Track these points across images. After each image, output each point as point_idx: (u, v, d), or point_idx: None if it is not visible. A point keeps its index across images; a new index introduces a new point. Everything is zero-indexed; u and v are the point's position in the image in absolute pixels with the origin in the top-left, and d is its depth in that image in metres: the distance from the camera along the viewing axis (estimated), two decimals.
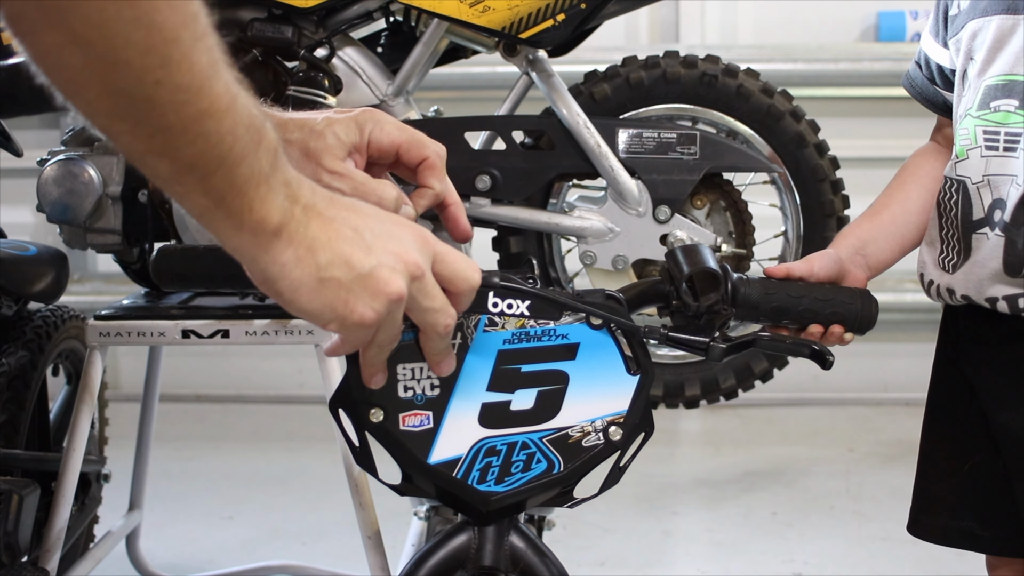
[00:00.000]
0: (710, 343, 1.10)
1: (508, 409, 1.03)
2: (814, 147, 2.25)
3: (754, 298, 1.16)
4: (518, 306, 1.03)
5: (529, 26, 2.13)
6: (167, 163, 0.72)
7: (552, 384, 1.04)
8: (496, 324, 1.04)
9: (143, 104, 0.68)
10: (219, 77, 0.71)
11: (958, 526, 1.44)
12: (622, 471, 1.06)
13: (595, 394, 1.04)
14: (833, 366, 1.14)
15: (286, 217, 0.78)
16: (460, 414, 1.02)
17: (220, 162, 0.73)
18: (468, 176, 2.21)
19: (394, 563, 2.02)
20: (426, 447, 1.01)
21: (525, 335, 1.04)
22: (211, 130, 0.71)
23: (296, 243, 0.79)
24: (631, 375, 1.05)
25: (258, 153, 0.75)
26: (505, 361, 1.03)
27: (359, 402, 1.01)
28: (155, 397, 2.44)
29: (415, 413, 1.02)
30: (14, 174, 3.74)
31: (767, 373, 2.33)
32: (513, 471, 1.02)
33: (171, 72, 0.68)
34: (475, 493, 1.01)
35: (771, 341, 1.16)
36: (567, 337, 1.05)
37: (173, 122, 0.70)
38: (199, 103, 0.70)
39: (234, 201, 0.75)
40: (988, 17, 1.30)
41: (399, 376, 1.02)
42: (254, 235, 0.77)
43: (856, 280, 1.32)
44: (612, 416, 1.04)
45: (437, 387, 1.02)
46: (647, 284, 1.16)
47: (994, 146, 1.30)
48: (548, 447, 1.03)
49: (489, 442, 1.02)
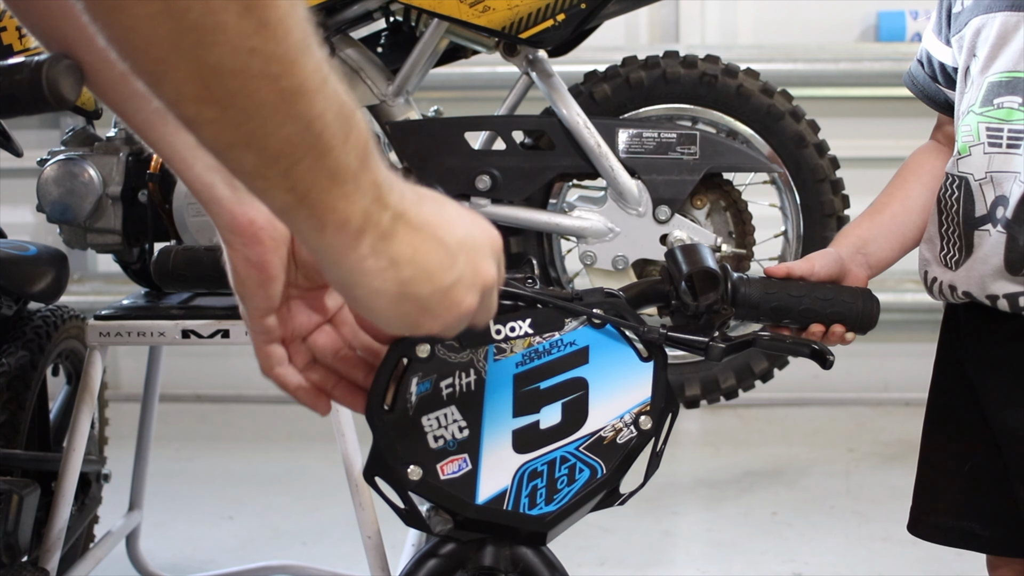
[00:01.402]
0: (709, 343, 1.10)
1: (538, 429, 1.03)
2: (814, 147, 2.25)
3: (754, 298, 1.15)
4: (520, 327, 1.03)
5: (529, 26, 2.13)
6: (253, 155, 0.68)
7: (573, 393, 1.04)
8: (504, 350, 1.03)
9: (235, 80, 0.63)
10: (311, 53, 0.67)
11: (958, 525, 1.44)
12: (660, 455, 1.06)
13: (617, 390, 1.04)
14: (833, 366, 1.14)
15: (370, 223, 0.73)
16: (494, 448, 1.02)
17: (308, 150, 0.68)
18: (468, 176, 2.21)
19: (394, 563, 2.02)
20: (471, 489, 1.01)
21: (535, 353, 1.04)
22: (302, 111, 0.66)
23: (379, 253, 0.74)
24: (645, 362, 1.05)
25: (346, 146, 0.70)
26: (522, 384, 1.03)
27: (394, 466, 1.01)
28: (155, 397, 2.44)
29: (452, 460, 1.01)
30: (14, 174, 3.74)
31: (767, 373, 2.33)
32: (559, 487, 1.02)
33: (266, 39, 0.63)
34: (529, 519, 1.01)
35: (771, 341, 1.16)
36: (575, 343, 1.05)
37: (264, 99, 0.65)
38: (292, 78, 0.65)
39: (318, 198, 0.70)
40: (992, 14, 1.30)
41: (426, 428, 1.01)
42: (337, 237, 0.73)
43: (857, 279, 1.32)
44: (638, 407, 1.04)
45: (465, 428, 1.01)
46: (646, 284, 1.15)
47: (997, 143, 1.30)
48: (586, 454, 1.03)
49: (529, 466, 1.02)
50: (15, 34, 2.13)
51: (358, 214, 0.72)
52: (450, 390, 1.01)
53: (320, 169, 0.69)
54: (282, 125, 0.66)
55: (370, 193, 0.73)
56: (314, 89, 0.67)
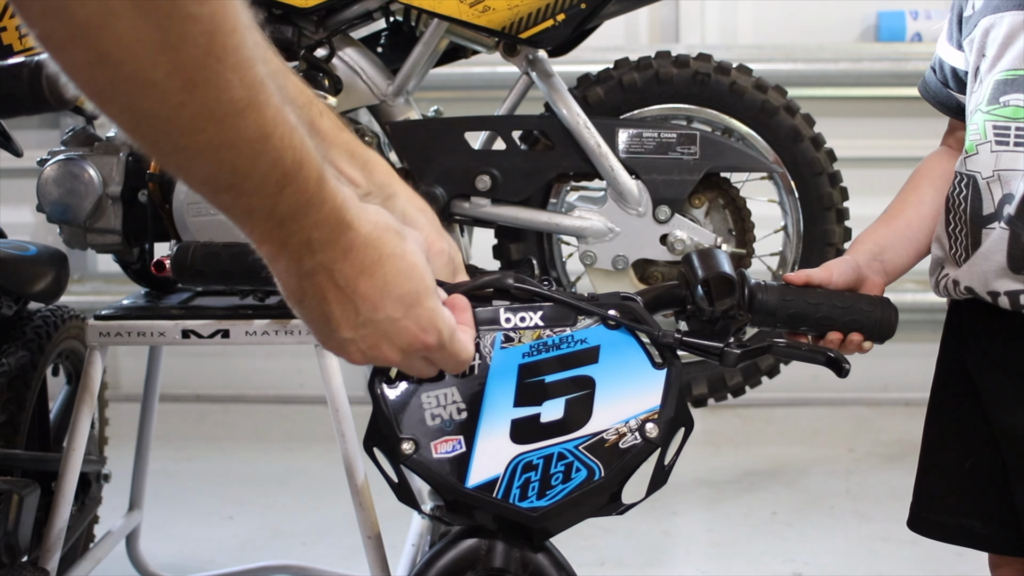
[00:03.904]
0: (724, 348, 1.08)
1: (538, 422, 1.01)
2: (810, 140, 2.25)
3: (771, 304, 1.14)
4: (531, 318, 1.02)
5: (529, 26, 2.13)
6: (194, 182, 0.76)
7: (579, 390, 1.02)
8: (512, 339, 1.02)
9: (165, 126, 0.71)
10: (245, 116, 0.72)
11: (959, 523, 1.44)
12: (667, 470, 1.03)
13: (624, 394, 1.02)
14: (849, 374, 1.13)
15: (292, 266, 0.83)
16: (491, 434, 1.00)
17: (228, 189, 0.76)
18: (468, 176, 2.21)
19: (394, 563, 2.02)
20: (462, 472, 0.99)
21: (544, 345, 1.02)
22: (227, 159, 0.73)
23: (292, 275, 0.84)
24: (658, 369, 1.03)
25: (279, 197, 0.77)
26: (527, 375, 1.02)
27: (390, 437, 1.00)
28: (155, 397, 2.44)
29: (446, 439, 1.00)
30: (14, 174, 3.74)
31: (774, 369, 2.33)
32: (554, 483, 1.00)
33: (194, 97, 0.69)
34: (518, 511, 0.99)
35: (786, 347, 1.14)
36: (586, 341, 1.03)
37: (188, 144, 0.72)
38: (218, 133, 0.72)
39: (241, 225, 0.80)
40: (1001, 13, 1.31)
41: (424, 405, 1.00)
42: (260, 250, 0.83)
43: (874, 286, 1.31)
44: (646, 413, 1.02)
45: (464, 410, 1.00)
46: (663, 288, 1.14)
47: (1004, 141, 1.30)
48: (585, 454, 1.00)
49: (525, 458, 1.00)
50: (15, 34, 2.13)
51: (278, 257, 0.82)
52: None
53: (239, 207, 0.78)
54: (207, 165, 0.74)
55: (295, 246, 0.81)
56: (250, 141, 0.73)
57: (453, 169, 2.22)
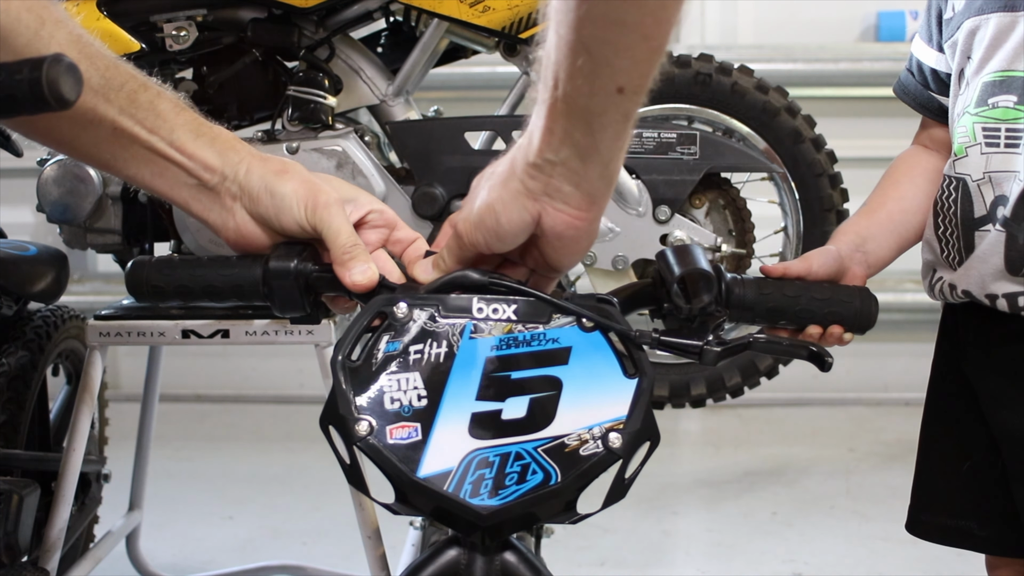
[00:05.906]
0: (704, 347, 1.05)
1: (499, 418, 0.97)
2: (811, 142, 2.25)
3: (749, 299, 1.10)
4: (504, 310, 0.99)
5: (529, 26, 2.13)
6: None
7: (545, 391, 0.98)
8: (482, 331, 0.99)
9: None
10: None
11: (957, 525, 1.44)
12: (627, 484, 0.98)
13: (591, 400, 0.98)
14: (832, 367, 1.12)
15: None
16: (449, 425, 0.96)
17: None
18: (468, 176, 2.20)
19: (394, 563, 2.02)
20: (415, 460, 0.95)
21: (514, 340, 0.99)
22: None
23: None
24: (629, 378, 0.99)
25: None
26: (494, 368, 0.98)
27: (346, 416, 0.97)
28: (155, 397, 2.44)
29: (402, 425, 0.96)
30: (14, 174, 3.74)
31: (772, 369, 2.32)
32: (507, 483, 0.95)
33: None
34: (467, 508, 0.95)
35: (767, 343, 1.11)
36: (558, 341, 0.99)
37: None
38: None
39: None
40: (986, 15, 1.31)
41: (385, 388, 0.97)
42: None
43: (855, 277, 1.29)
44: (611, 422, 0.97)
45: (424, 398, 0.97)
46: (638, 286, 1.10)
47: (995, 143, 1.30)
48: (543, 457, 0.96)
49: (481, 454, 0.96)
50: None
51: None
52: (418, 356, 0.98)
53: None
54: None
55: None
56: None
57: (453, 169, 2.21)
